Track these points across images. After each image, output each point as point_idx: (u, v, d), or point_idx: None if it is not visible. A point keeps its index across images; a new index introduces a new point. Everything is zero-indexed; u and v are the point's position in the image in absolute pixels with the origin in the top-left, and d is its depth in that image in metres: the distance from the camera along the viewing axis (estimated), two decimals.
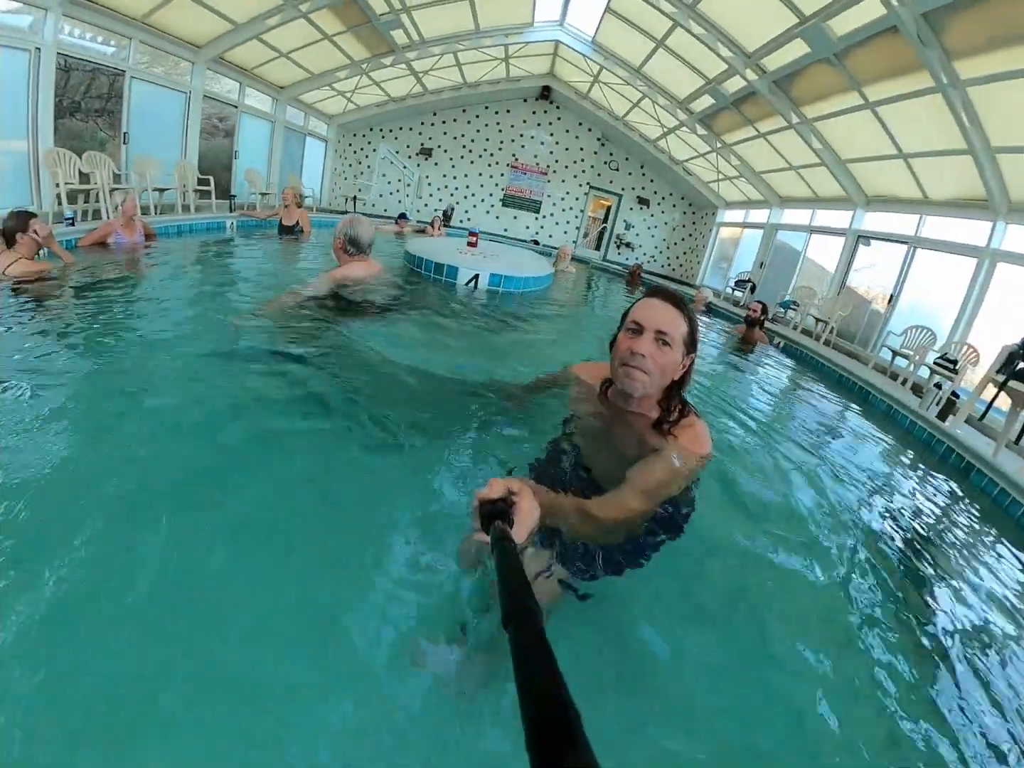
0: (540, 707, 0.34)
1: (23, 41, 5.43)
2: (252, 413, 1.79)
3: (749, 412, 2.88)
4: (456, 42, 9.02)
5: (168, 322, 2.71)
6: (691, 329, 1.23)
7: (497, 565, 0.57)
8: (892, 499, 2.45)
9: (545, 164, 12.86)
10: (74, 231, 4.84)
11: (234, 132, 9.00)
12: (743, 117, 8.06)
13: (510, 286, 4.65)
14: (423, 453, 1.66)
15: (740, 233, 10.99)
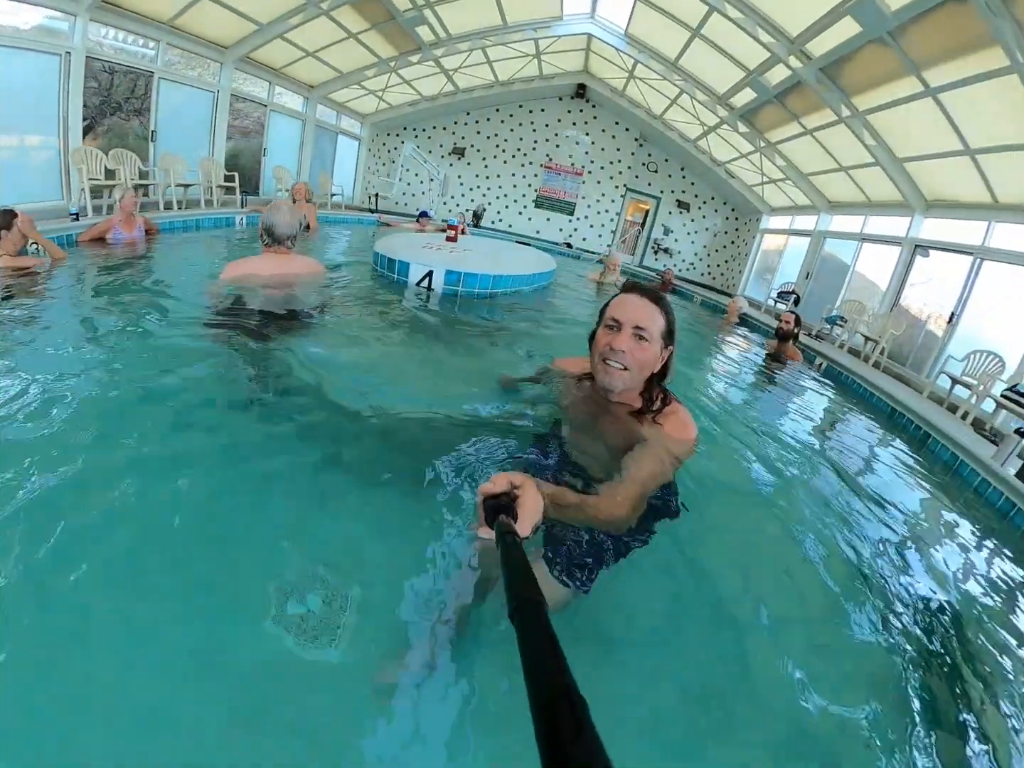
0: (548, 697, 0.34)
1: (54, 46, 5.61)
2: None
3: (769, 448, 2.38)
4: (483, 38, 8.69)
5: (124, 320, 2.49)
6: (668, 323, 1.22)
7: (502, 559, 0.57)
8: (956, 592, 1.80)
9: (580, 165, 12.32)
10: (78, 226, 4.86)
11: (254, 129, 9.08)
12: (788, 112, 7.25)
13: (472, 286, 4.01)
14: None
15: (785, 241, 10.01)
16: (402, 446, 1.67)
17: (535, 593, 0.48)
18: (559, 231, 12.81)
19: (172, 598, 1.07)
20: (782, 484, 2.09)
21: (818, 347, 6.15)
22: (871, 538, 1.88)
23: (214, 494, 1.36)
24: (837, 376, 5.40)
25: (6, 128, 5.50)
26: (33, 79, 5.58)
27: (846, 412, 4.10)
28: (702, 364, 4.32)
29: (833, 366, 5.57)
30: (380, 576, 1.20)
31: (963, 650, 1.45)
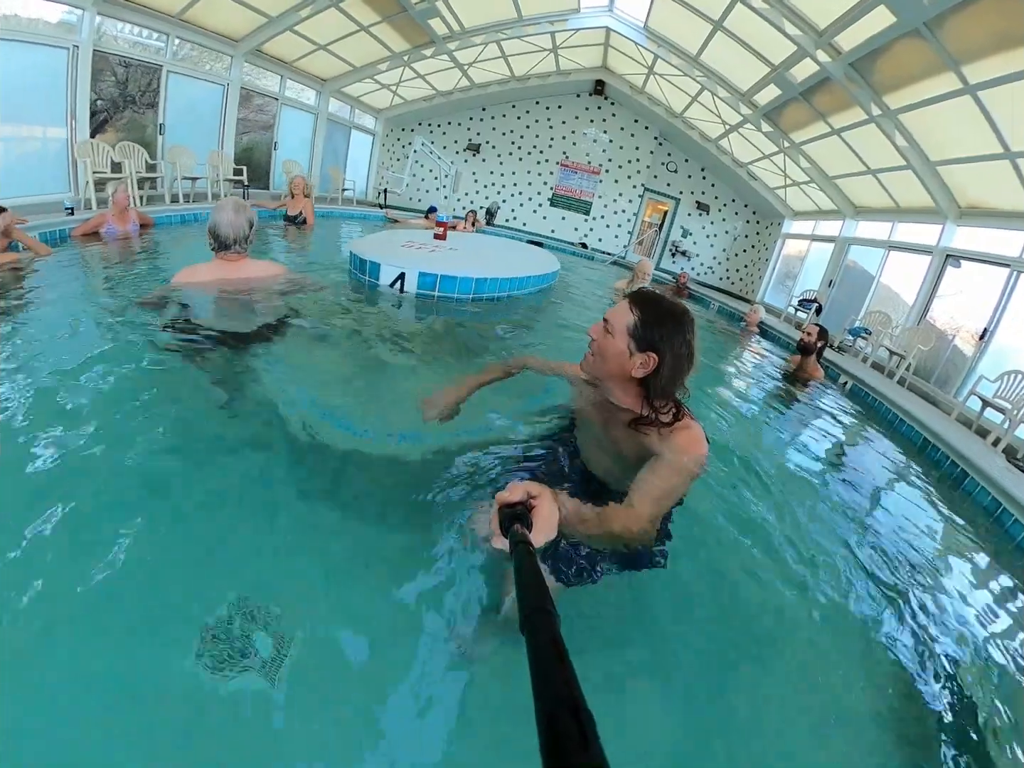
0: (555, 710, 0.34)
1: (61, 39, 5.55)
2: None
3: (784, 478, 2.21)
4: (498, 31, 8.41)
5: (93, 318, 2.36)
6: (641, 323, 1.19)
7: (515, 568, 0.57)
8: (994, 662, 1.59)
9: (597, 163, 11.94)
10: (73, 220, 4.78)
11: (274, 124, 8.96)
12: (814, 110, 6.80)
13: (450, 289, 3.62)
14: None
15: (807, 247, 9.51)
16: (377, 476, 1.59)
17: (547, 604, 0.48)
18: (574, 230, 12.48)
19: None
20: (794, 519, 1.92)
21: (842, 362, 5.70)
22: (891, 589, 1.67)
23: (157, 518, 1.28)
24: (863, 397, 4.92)
25: (15, 121, 5.46)
26: (41, 72, 5.52)
27: (872, 441, 3.65)
28: (717, 378, 3.94)
29: (859, 386, 5.08)
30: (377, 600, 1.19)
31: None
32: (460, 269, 3.71)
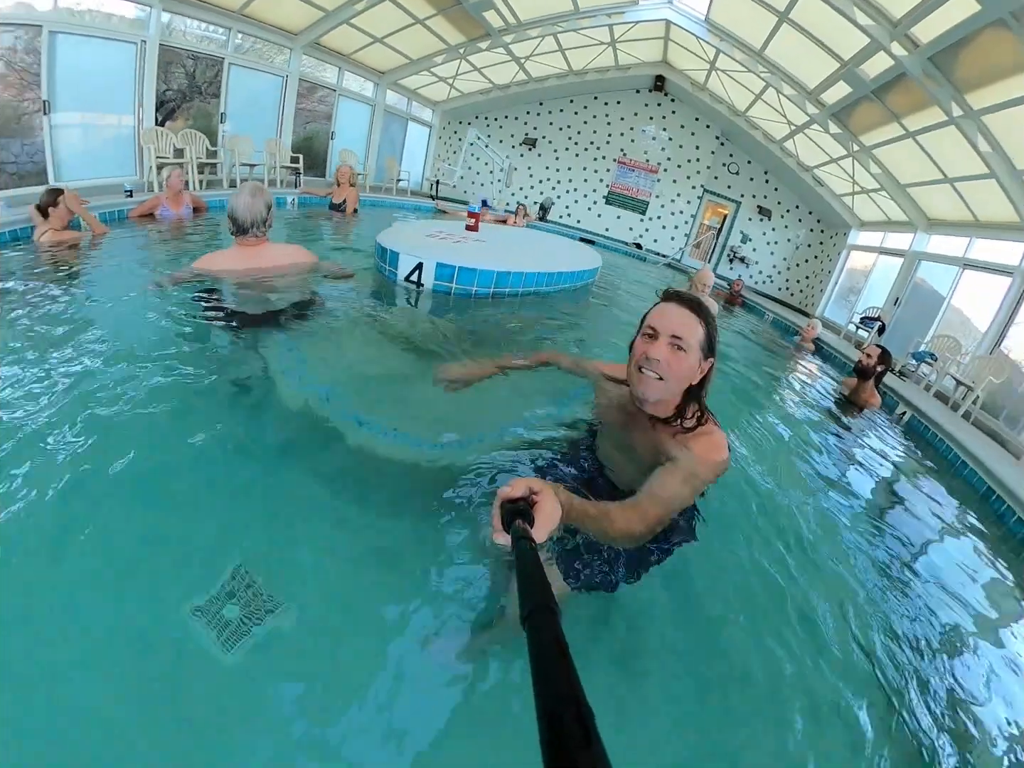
0: (556, 706, 0.34)
1: (131, 35, 5.97)
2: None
3: (815, 517, 1.96)
4: (554, 24, 8.20)
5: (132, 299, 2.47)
6: (708, 333, 1.18)
7: (517, 564, 0.57)
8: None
9: (656, 162, 11.44)
10: (131, 202, 5.12)
11: (332, 114, 9.25)
12: (887, 110, 6.13)
13: (468, 282, 3.35)
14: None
15: (874, 260, 8.64)
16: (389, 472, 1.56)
17: (548, 600, 0.47)
18: (629, 230, 12.04)
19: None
20: (823, 562, 1.74)
21: (901, 389, 5.06)
22: (930, 660, 1.47)
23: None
24: (921, 432, 4.28)
25: (90, 109, 5.95)
26: (113, 65, 5.95)
27: (926, 483, 3.08)
28: (761, 395, 3.58)
29: (918, 418, 4.45)
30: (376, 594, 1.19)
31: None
32: (482, 261, 3.48)
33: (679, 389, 1.19)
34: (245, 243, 2.28)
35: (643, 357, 1.17)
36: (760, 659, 1.28)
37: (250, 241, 2.28)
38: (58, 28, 5.25)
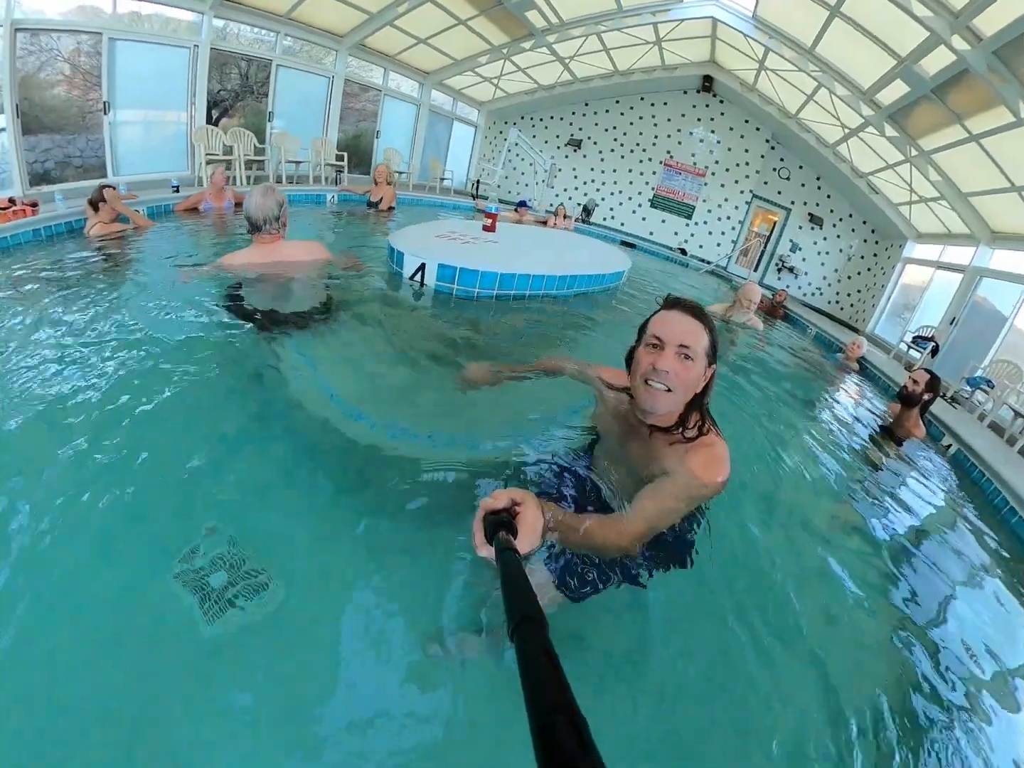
0: (548, 716, 0.34)
1: (185, 40, 6.39)
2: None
3: (835, 559, 1.76)
4: (597, 23, 8.04)
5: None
6: (712, 340, 1.15)
7: (501, 576, 0.55)
8: None
9: (703, 165, 10.98)
10: (177, 196, 5.43)
11: (375, 113, 9.50)
12: (949, 111, 5.58)
13: (469, 284, 3.27)
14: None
15: (931, 275, 7.88)
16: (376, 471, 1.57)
17: (535, 611, 0.47)
18: (674, 235, 11.61)
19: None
20: (843, 611, 1.56)
21: (950, 419, 4.37)
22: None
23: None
24: (967, 469, 3.64)
25: (147, 108, 6.43)
26: (168, 68, 6.37)
27: (967, 531, 2.56)
28: (794, 418, 3.14)
29: (965, 453, 3.82)
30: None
31: None
32: (486, 263, 3.39)
33: (685, 399, 1.16)
34: (262, 240, 2.40)
35: (650, 369, 1.12)
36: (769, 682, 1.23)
37: (265, 238, 2.39)
38: (117, 35, 5.69)
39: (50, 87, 5.82)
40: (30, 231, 3.93)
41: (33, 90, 5.68)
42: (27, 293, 2.56)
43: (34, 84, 5.67)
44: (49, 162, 6.03)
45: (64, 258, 3.19)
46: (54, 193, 4.94)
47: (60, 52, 5.72)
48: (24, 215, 4.07)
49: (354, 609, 1.15)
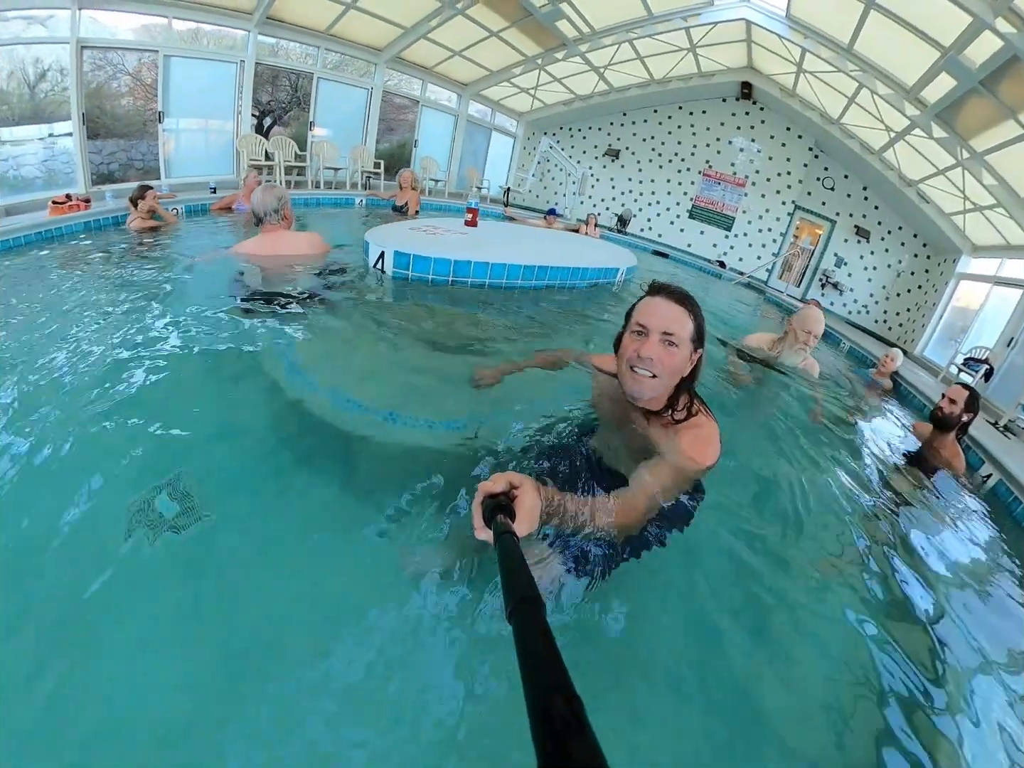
0: (545, 698, 0.33)
1: (232, 56, 6.84)
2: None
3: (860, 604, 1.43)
4: (628, 30, 7.81)
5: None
6: (697, 325, 1.15)
7: (499, 558, 0.55)
8: None
9: (743, 175, 10.36)
10: (214, 197, 5.84)
11: (414, 123, 9.72)
12: (1001, 104, 4.89)
13: (423, 270, 3.31)
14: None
15: (987, 292, 6.90)
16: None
17: (533, 593, 0.46)
18: (713, 246, 10.99)
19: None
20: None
21: (996, 446, 3.61)
22: None
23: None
24: (1009, 507, 2.96)
25: (199, 117, 6.93)
26: (217, 80, 6.85)
27: (1006, 583, 1.94)
28: (815, 440, 2.44)
29: (1008, 486, 3.11)
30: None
31: None
32: (443, 251, 3.41)
33: (671, 383, 1.17)
34: (265, 231, 2.72)
35: (635, 356, 1.13)
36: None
37: (268, 228, 2.70)
38: (171, 52, 6.18)
39: (117, 97, 6.41)
40: (82, 223, 4.41)
41: (103, 99, 6.28)
42: (68, 271, 3.06)
43: (104, 94, 6.26)
44: (114, 164, 6.64)
45: (103, 246, 3.69)
46: (105, 192, 5.46)
47: (125, 67, 6.30)
48: (78, 209, 4.54)
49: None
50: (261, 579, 1.13)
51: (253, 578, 1.13)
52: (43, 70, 5.49)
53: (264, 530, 1.26)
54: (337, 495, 1.42)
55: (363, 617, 1.03)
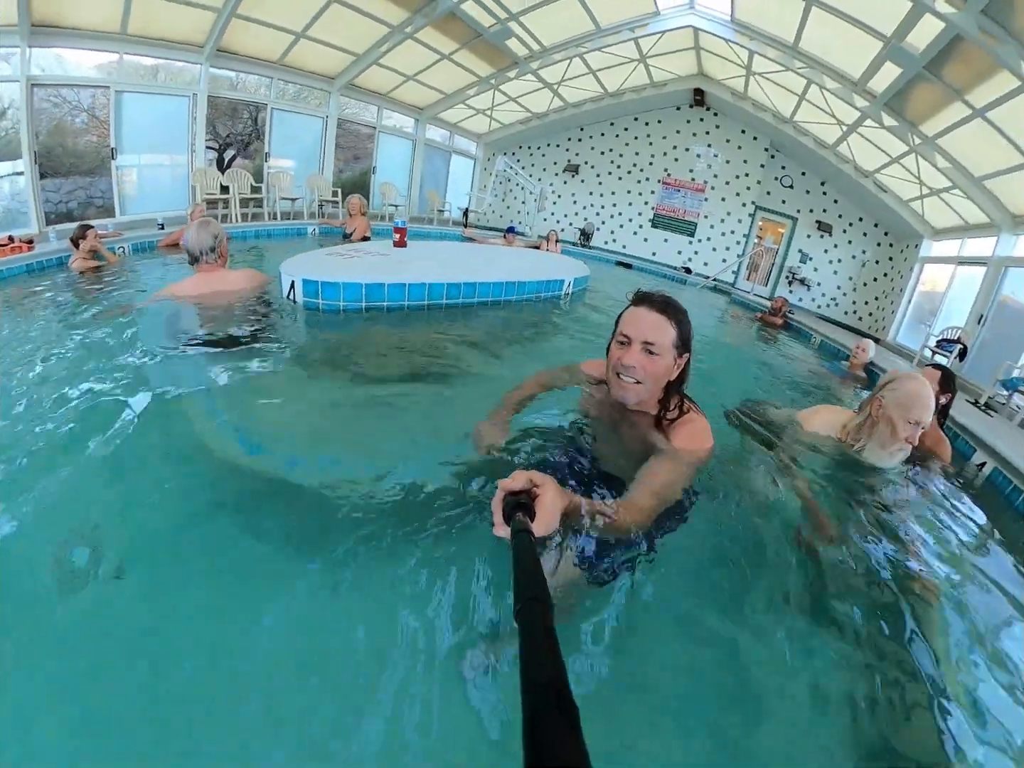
0: (541, 700, 0.33)
1: (184, 89, 6.66)
2: None
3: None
4: (578, 45, 7.87)
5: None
6: (680, 332, 1.17)
7: (514, 556, 0.55)
8: None
9: (702, 180, 10.48)
10: (162, 233, 5.58)
11: (371, 150, 9.59)
12: (947, 87, 4.94)
13: (332, 297, 3.04)
14: None
15: (952, 273, 6.96)
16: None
17: (542, 594, 0.46)
18: (677, 253, 11.04)
19: None
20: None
21: (985, 431, 3.41)
22: None
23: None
24: (1008, 496, 2.74)
25: (153, 153, 6.69)
26: (172, 115, 6.65)
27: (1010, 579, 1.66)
28: (790, 440, 2.07)
29: (1005, 473, 2.87)
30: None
31: None
32: (355, 275, 3.16)
33: (657, 388, 1.20)
34: (201, 270, 2.54)
35: (619, 364, 1.17)
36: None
37: (205, 268, 2.53)
38: (123, 88, 5.95)
39: (77, 134, 6.23)
40: (23, 265, 4.21)
41: (64, 136, 6.10)
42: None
43: (64, 131, 6.05)
44: (73, 202, 6.40)
45: (43, 290, 3.47)
46: (49, 232, 5.15)
47: (82, 103, 6.05)
48: (19, 251, 4.38)
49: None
50: (176, 639, 1.02)
51: (165, 639, 1.02)
52: (3, 108, 5.34)
53: (193, 588, 1.15)
54: (268, 550, 1.27)
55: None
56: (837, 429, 1.88)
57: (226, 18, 5.91)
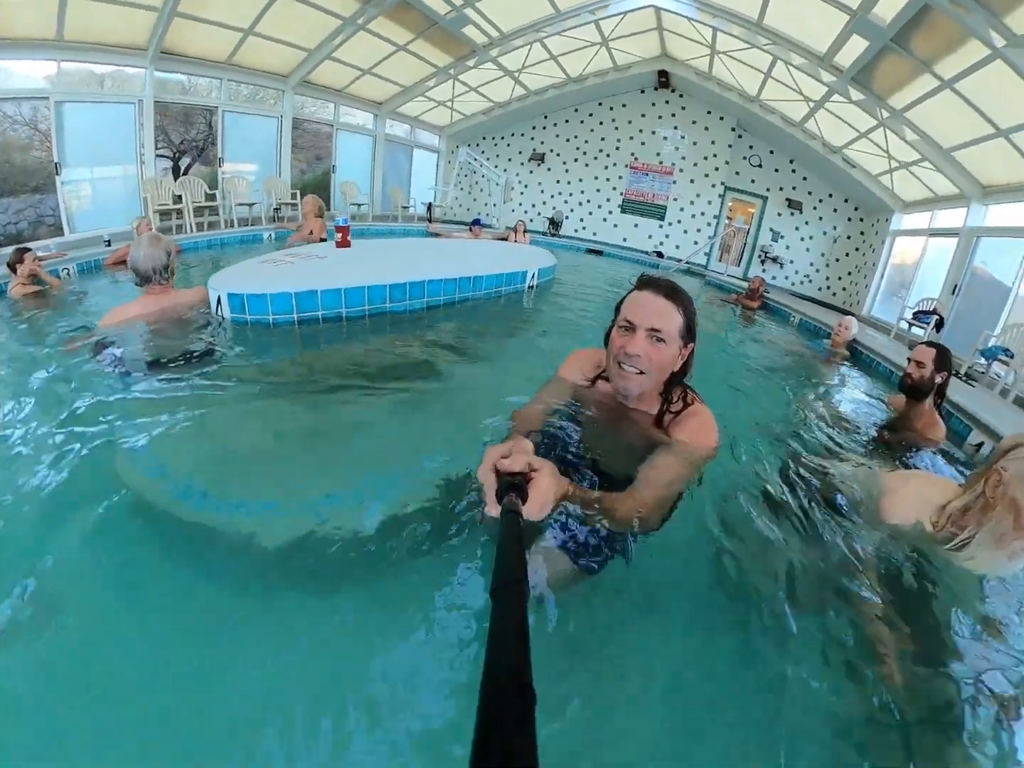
0: (498, 681, 0.33)
1: (128, 96, 6.21)
2: None
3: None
4: (538, 30, 7.60)
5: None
6: (687, 319, 1.11)
7: (500, 535, 0.54)
8: None
9: (670, 163, 10.37)
10: (108, 250, 5.20)
11: (331, 149, 9.17)
12: (914, 59, 4.88)
13: (260, 311, 2.72)
14: None
15: (924, 245, 7.03)
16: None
17: (520, 576, 0.45)
18: (648, 238, 10.94)
19: None
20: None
21: (978, 407, 3.34)
22: None
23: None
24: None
25: (100, 165, 6.21)
26: (118, 124, 6.19)
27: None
28: (770, 427, 2.24)
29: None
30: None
31: None
32: (281, 284, 2.81)
33: (661, 379, 1.16)
34: (151, 291, 2.30)
35: (621, 352, 1.11)
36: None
37: (155, 289, 2.29)
38: (62, 98, 5.47)
39: (23, 150, 5.72)
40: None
41: (6, 153, 5.60)
42: None
43: (6, 148, 5.62)
44: (22, 222, 5.91)
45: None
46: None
47: (23, 117, 5.53)
48: None
49: None
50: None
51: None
52: None
53: (130, 639, 1.03)
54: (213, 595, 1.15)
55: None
56: (932, 510, 1.30)
57: (167, 17, 5.48)
